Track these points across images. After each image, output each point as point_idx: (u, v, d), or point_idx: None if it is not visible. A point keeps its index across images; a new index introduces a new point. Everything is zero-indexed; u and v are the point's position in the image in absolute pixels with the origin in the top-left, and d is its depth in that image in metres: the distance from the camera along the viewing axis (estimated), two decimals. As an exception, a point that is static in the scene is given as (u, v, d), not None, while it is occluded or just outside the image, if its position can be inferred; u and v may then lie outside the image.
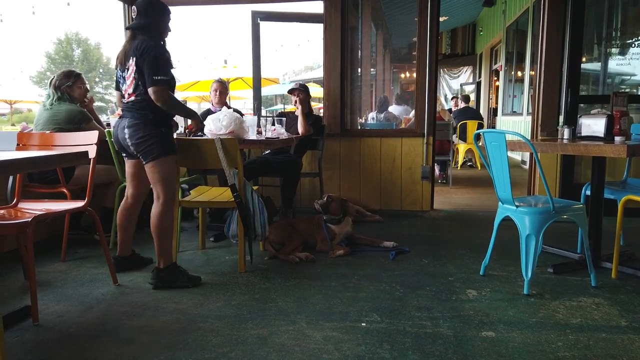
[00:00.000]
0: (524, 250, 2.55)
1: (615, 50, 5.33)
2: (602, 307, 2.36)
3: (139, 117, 2.60)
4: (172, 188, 2.69)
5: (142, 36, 2.58)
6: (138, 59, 2.53)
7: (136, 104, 2.60)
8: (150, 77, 2.50)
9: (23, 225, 2.21)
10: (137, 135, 2.59)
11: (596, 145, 2.57)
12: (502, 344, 1.99)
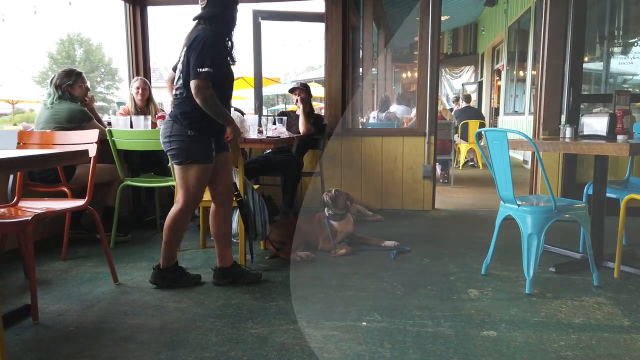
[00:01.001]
0: (526, 250, 2.54)
1: (617, 49, 5.31)
2: (604, 307, 2.34)
3: (173, 115, 2.46)
4: (194, 197, 2.52)
5: (203, 26, 2.41)
6: (188, 48, 2.36)
7: (177, 99, 2.46)
8: (194, 68, 2.31)
9: (23, 224, 2.20)
10: (164, 134, 2.48)
11: (598, 144, 2.56)
12: (503, 343, 1.98)
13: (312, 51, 16.93)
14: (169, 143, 2.48)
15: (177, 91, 2.45)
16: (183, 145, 2.44)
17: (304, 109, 4.29)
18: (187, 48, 2.37)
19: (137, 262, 3.11)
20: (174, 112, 2.46)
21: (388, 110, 6.70)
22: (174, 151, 2.47)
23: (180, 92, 2.43)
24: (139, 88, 4.24)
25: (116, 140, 3.39)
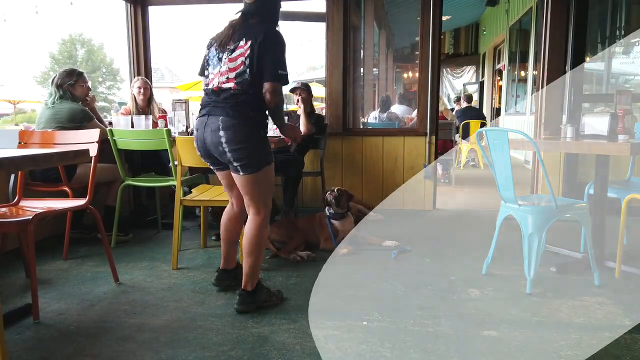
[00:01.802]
0: (527, 249, 2.54)
1: (619, 49, 5.30)
2: (605, 307, 2.34)
3: (238, 116, 2.17)
4: (269, 202, 2.35)
5: (259, 20, 2.23)
6: (260, 44, 2.13)
7: (234, 96, 2.17)
8: (275, 69, 2.14)
9: (24, 223, 2.21)
10: (237, 139, 2.16)
11: (599, 143, 2.55)
12: (504, 343, 1.98)
13: (313, 51, 16.94)
14: (245, 149, 2.17)
15: (238, 88, 2.17)
16: (261, 148, 2.24)
17: (304, 108, 4.29)
18: (254, 41, 2.15)
19: (137, 261, 3.11)
20: (243, 112, 2.17)
21: (389, 110, 6.69)
22: (253, 156, 2.20)
23: (244, 89, 2.17)
24: (141, 88, 4.24)
25: (117, 139, 3.39)
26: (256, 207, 2.29)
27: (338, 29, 4.69)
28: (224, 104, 2.19)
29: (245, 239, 2.30)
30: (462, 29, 16.44)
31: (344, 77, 4.77)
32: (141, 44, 4.80)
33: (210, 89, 2.25)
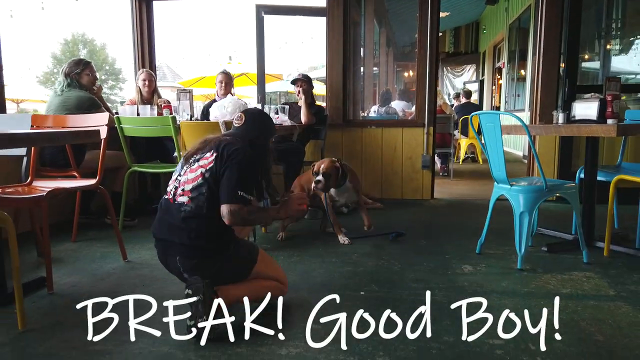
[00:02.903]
0: (518, 227, 2.65)
1: (614, 42, 5.41)
2: (592, 280, 2.45)
3: (198, 254, 1.99)
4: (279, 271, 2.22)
5: (235, 139, 2.07)
6: (225, 158, 1.96)
7: (189, 220, 1.96)
8: (233, 190, 1.93)
9: (38, 199, 2.33)
10: (204, 274, 1.94)
11: (588, 126, 2.66)
12: (494, 309, 2.08)
13: (314, 49, 17.09)
14: (218, 275, 1.99)
15: (192, 203, 1.94)
16: (232, 267, 2.05)
17: (305, 99, 4.41)
18: (224, 158, 1.97)
19: (144, 243, 3.22)
20: (196, 247, 1.96)
21: (389, 105, 6.80)
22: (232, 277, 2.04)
23: (195, 207, 1.93)
24: (145, 80, 4.36)
25: (124, 127, 3.51)
26: (276, 278, 2.15)
27: (338, 22, 4.81)
28: (179, 232, 1.93)
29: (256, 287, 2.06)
30: (462, 27, 16.54)
31: (344, 69, 4.89)
32: (146, 37, 4.93)
33: (166, 198, 2.02)
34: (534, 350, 1.72)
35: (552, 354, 1.69)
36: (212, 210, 1.91)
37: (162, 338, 1.80)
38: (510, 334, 1.82)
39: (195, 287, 1.81)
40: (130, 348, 1.76)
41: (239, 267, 2.03)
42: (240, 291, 2.01)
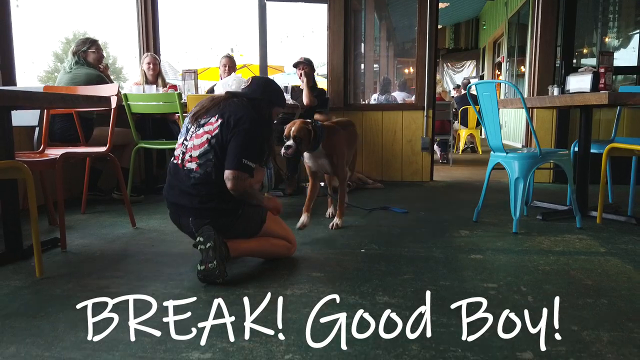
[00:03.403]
0: (513, 193, 2.75)
1: (610, 26, 5.50)
2: (584, 241, 2.55)
3: (210, 214, 2.05)
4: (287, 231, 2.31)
5: (244, 102, 2.12)
6: (232, 125, 2.01)
7: (199, 186, 2.03)
8: (239, 157, 1.99)
9: (52, 161, 2.43)
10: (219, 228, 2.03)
11: (580, 95, 2.76)
12: (488, 262, 2.19)
13: (315, 44, 17.04)
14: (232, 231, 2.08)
15: (200, 170, 2.00)
16: (245, 224, 2.11)
17: (307, 82, 4.50)
18: (230, 125, 2.02)
19: (152, 214, 3.32)
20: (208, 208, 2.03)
21: (389, 93, 6.90)
22: (245, 232, 2.13)
23: (204, 173, 2.01)
24: (150, 63, 4.46)
25: (131, 104, 3.61)
26: (285, 238, 2.25)
27: (339, 7, 4.91)
28: (189, 198, 2.00)
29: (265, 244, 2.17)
30: (463, 24, 16.65)
31: (345, 54, 4.98)
32: (150, 22, 5.01)
33: (175, 162, 2.07)
34: (525, 291, 1.81)
35: (542, 294, 1.78)
36: (220, 176, 1.98)
37: (168, 289, 1.89)
38: (503, 281, 1.92)
39: (207, 235, 1.91)
40: (144, 293, 1.85)
41: (249, 226, 2.12)
42: (249, 245, 2.12)
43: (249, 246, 2.12)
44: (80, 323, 1.55)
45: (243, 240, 2.10)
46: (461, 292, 1.81)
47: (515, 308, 1.64)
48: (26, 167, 1.93)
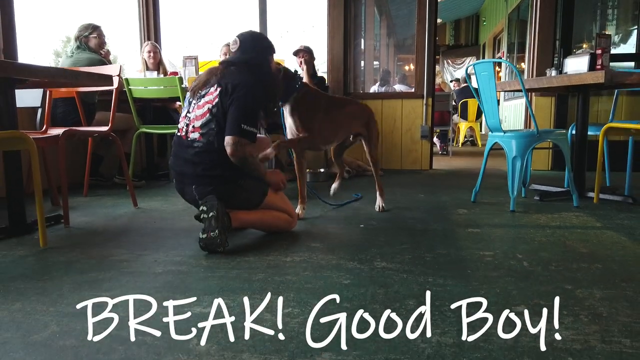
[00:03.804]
0: (510, 171, 2.78)
1: (609, 18, 5.53)
2: (581, 217, 2.58)
3: (212, 181, 2.08)
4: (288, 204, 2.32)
5: (240, 68, 2.14)
6: (230, 92, 2.04)
7: (203, 154, 2.07)
8: (237, 122, 2.02)
9: (55, 138, 2.46)
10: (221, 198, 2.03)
11: (577, 74, 2.79)
12: (485, 235, 2.22)
13: (315, 39, 17.04)
14: (233, 200, 2.10)
15: (203, 139, 2.04)
16: (247, 195, 2.14)
17: (307, 70, 4.52)
18: (229, 92, 2.04)
19: (153, 197, 3.35)
20: (211, 176, 2.06)
21: (388, 84, 6.93)
22: (246, 203, 2.15)
23: (207, 142, 2.04)
24: (150, 52, 4.48)
25: (132, 88, 3.64)
26: (286, 211, 2.27)
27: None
28: (193, 166, 2.05)
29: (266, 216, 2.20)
30: (463, 20, 16.66)
31: (345, 42, 5.02)
32: (151, 10, 5.04)
33: (179, 135, 2.12)
34: (520, 257, 1.84)
35: (537, 260, 1.81)
36: (223, 144, 2.02)
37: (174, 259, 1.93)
38: (499, 249, 1.96)
39: (210, 204, 1.94)
40: (147, 260, 1.88)
41: (251, 196, 2.15)
42: (250, 217, 2.15)
43: (251, 217, 2.16)
44: (85, 284, 1.59)
45: (245, 212, 2.14)
46: (457, 259, 1.84)
47: (510, 272, 1.67)
48: (30, 137, 1.96)
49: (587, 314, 1.31)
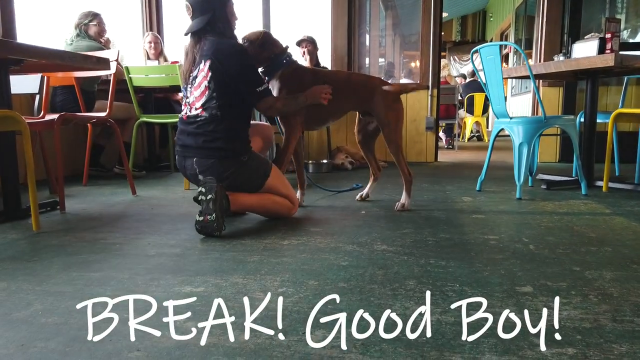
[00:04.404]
0: (517, 158, 2.70)
1: (617, 3, 5.43)
2: (589, 204, 2.50)
3: (212, 154, 2.05)
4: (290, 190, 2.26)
5: (212, 34, 2.06)
6: (222, 63, 2.00)
7: (204, 125, 2.04)
8: (253, 90, 2.05)
9: (50, 122, 2.41)
10: (219, 176, 2.02)
11: (586, 58, 2.70)
12: (490, 221, 2.15)
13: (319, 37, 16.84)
14: (231, 180, 2.05)
15: (205, 113, 2.02)
16: (247, 174, 2.08)
17: (310, 60, 4.46)
18: (221, 63, 2.00)
19: (153, 186, 3.31)
20: (211, 148, 2.02)
21: (394, 77, 6.85)
22: (245, 185, 2.10)
23: (209, 115, 2.02)
24: (152, 42, 4.44)
25: (133, 77, 3.59)
26: (288, 197, 2.21)
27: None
28: (194, 139, 2.03)
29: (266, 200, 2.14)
30: (469, 16, 16.51)
31: (349, 33, 4.95)
32: (154, 0, 5.00)
33: (181, 117, 2.12)
34: (526, 241, 1.77)
35: (544, 244, 1.74)
36: (227, 114, 2.02)
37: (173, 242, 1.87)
38: (504, 234, 1.89)
39: (209, 186, 1.89)
40: (140, 243, 1.83)
41: (252, 178, 2.10)
42: (250, 200, 2.10)
43: (250, 200, 2.11)
44: (74, 266, 1.54)
45: (244, 194, 2.09)
46: (461, 242, 1.77)
47: (515, 255, 1.60)
48: (22, 117, 1.91)
49: (596, 294, 1.25)
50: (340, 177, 3.69)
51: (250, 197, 2.10)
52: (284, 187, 2.21)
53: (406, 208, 2.38)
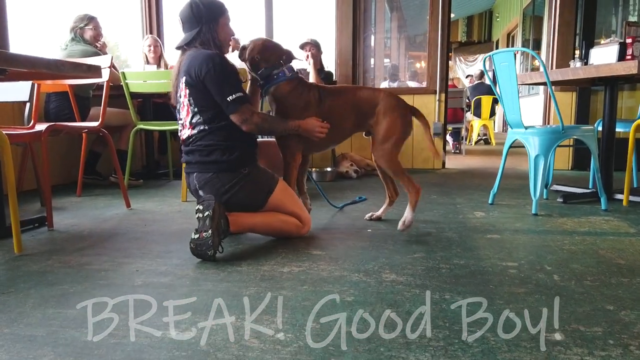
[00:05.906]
0: (533, 171, 2.54)
1: (630, 11, 5.25)
2: (611, 222, 2.34)
3: (210, 167, 1.96)
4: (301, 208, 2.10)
5: (194, 46, 1.98)
6: (193, 77, 1.90)
7: (199, 140, 1.96)
8: (224, 100, 1.90)
9: (39, 133, 2.28)
10: (219, 192, 1.94)
11: (607, 65, 2.54)
12: (507, 242, 1.99)
13: (322, 39, 16.71)
14: (233, 196, 1.94)
15: (194, 130, 1.96)
16: (250, 189, 1.96)
17: (314, 64, 4.32)
18: (192, 77, 1.90)
19: (149, 197, 3.18)
20: (209, 161, 1.94)
21: (399, 80, 6.70)
22: (248, 200, 1.97)
23: (198, 132, 1.96)
24: (151, 45, 4.31)
25: (129, 82, 3.45)
26: (297, 215, 2.04)
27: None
28: (192, 154, 1.97)
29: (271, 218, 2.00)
30: (476, 16, 16.32)
31: (354, 35, 4.80)
32: (153, 2, 4.87)
33: (180, 137, 2.07)
34: (550, 270, 1.62)
35: (569, 273, 1.59)
36: (215, 127, 1.94)
37: (161, 269, 1.73)
38: (524, 260, 1.73)
39: (207, 204, 1.77)
40: (127, 270, 1.69)
41: (254, 193, 1.96)
42: (252, 220, 1.96)
43: (253, 220, 1.96)
44: (52, 300, 1.40)
45: (246, 214, 1.95)
46: (477, 271, 1.62)
47: (539, 288, 1.45)
48: (3, 134, 1.77)
49: (638, 345, 1.09)
50: (344, 187, 3.54)
51: (253, 217, 1.96)
52: (292, 205, 2.05)
53: (406, 225, 2.14)
